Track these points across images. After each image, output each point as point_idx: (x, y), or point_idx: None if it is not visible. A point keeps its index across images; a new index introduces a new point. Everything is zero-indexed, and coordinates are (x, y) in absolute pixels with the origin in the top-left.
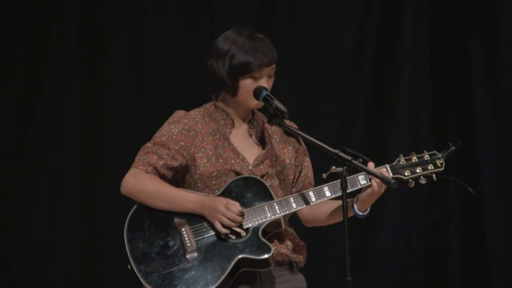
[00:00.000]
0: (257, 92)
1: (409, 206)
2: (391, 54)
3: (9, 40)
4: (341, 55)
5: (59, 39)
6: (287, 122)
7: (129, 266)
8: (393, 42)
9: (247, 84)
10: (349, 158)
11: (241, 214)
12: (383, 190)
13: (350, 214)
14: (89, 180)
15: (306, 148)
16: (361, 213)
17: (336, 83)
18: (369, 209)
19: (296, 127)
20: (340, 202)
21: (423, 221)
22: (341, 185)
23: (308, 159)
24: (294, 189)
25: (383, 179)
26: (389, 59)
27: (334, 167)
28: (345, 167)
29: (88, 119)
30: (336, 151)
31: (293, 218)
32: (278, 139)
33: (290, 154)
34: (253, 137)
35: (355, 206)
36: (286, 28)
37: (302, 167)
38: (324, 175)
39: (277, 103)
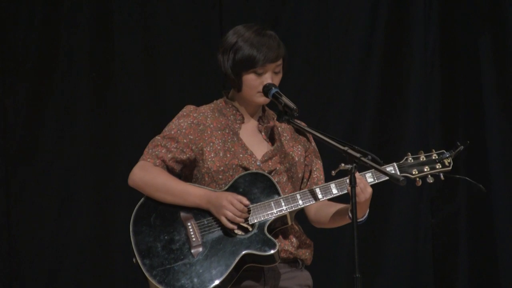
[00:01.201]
0: (266, 89)
1: (417, 205)
2: (400, 52)
3: (19, 41)
4: (350, 53)
5: (69, 41)
6: (296, 120)
7: (134, 260)
8: (402, 40)
9: (250, 79)
10: (358, 155)
11: (247, 210)
12: (367, 196)
13: (347, 221)
14: (99, 178)
15: (317, 149)
16: (357, 220)
17: (345, 81)
18: (366, 214)
19: (305, 124)
20: (341, 206)
21: (432, 220)
22: (350, 182)
23: (319, 161)
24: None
25: (392, 177)
26: (398, 57)
27: (343, 165)
28: (354, 165)
29: (97, 118)
30: (346, 148)
31: (301, 216)
32: (288, 137)
33: (299, 152)
34: (263, 133)
35: (349, 214)
36: (295, 27)
37: (314, 168)
38: (333, 172)
39: (286, 100)
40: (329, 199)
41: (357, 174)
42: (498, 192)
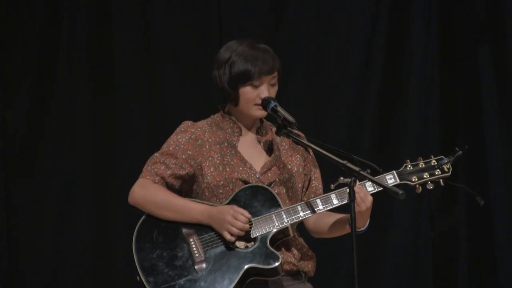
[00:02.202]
0: (265, 103)
1: (417, 217)
2: (399, 60)
3: (19, 42)
4: (350, 61)
5: (69, 45)
6: (295, 131)
7: (138, 278)
8: (402, 47)
9: (246, 92)
10: (357, 169)
11: (249, 223)
12: (368, 205)
13: (347, 231)
14: (99, 186)
15: (315, 158)
16: (358, 230)
17: (345, 89)
18: (367, 224)
19: (304, 136)
20: (340, 216)
21: (432, 232)
22: (349, 196)
23: (318, 170)
24: (305, 199)
25: (391, 191)
26: (398, 65)
27: (342, 178)
28: (353, 178)
29: (98, 125)
30: (345, 162)
31: (302, 228)
32: (286, 147)
33: (298, 162)
34: (262, 144)
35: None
36: (295, 35)
37: (313, 178)
38: (332, 186)
39: (285, 113)
40: (329, 210)
41: (357, 183)
42: (498, 202)
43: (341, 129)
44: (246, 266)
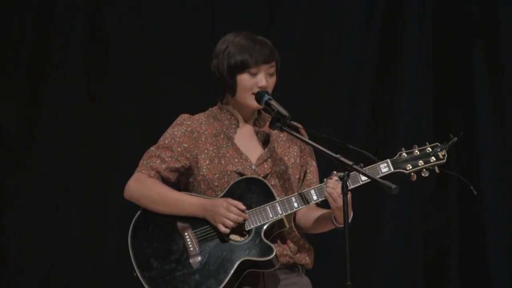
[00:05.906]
0: (259, 97)
1: (409, 212)
2: (394, 56)
3: (13, 42)
4: (345, 61)
5: (63, 42)
6: (293, 123)
7: (134, 273)
8: (396, 44)
9: (244, 80)
10: (350, 163)
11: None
12: (339, 205)
13: (331, 227)
14: (92, 184)
15: (312, 150)
16: (340, 226)
17: (340, 89)
18: (350, 219)
19: (301, 127)
20: (324, 211)
21: (424, 226)
22: (342, 190)
23: (314, 163)
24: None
25: (384, 185)
26: (393, 64)
27: (335, 172)
28: (346, 172)
29: (91, 123)
30: (338, 156)
31: None
32: (284, 138)
33: (295, 154)
34: (259, 136)
35: (333, 219)
36: (289, 31)
37: (308, 171)
38: (326, 180)
39: (278, 107)
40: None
41: (334, 181)
42: (490, 198)
43: (336, 128)
44: (240, 259)
